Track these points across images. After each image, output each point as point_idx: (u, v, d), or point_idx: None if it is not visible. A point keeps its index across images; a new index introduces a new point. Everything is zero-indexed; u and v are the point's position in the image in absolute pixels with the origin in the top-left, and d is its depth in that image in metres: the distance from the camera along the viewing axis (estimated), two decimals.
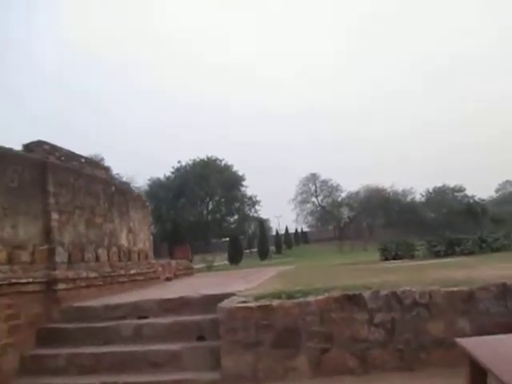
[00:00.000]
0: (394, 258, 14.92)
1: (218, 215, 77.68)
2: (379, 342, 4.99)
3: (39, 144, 7.60)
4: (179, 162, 75.18)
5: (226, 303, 5.48)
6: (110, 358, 5.82)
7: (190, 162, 76.03)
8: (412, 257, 15.11)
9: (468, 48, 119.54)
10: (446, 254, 14.05)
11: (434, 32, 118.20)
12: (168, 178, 73.22)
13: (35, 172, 7.02)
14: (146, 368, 5.63)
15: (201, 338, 5.83)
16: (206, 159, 76.37)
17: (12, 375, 5.87)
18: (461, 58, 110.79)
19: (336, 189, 77.60)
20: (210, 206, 76.96)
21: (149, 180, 69.44)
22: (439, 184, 73.67)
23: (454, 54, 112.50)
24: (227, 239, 57.32)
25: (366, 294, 5.15)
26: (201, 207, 74.83)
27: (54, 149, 7.83)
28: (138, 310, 6.50)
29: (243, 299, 5.68)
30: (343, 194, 77.45)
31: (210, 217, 76.20)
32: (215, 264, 28.37)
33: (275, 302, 5.26)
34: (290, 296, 5.52)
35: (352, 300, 5.15)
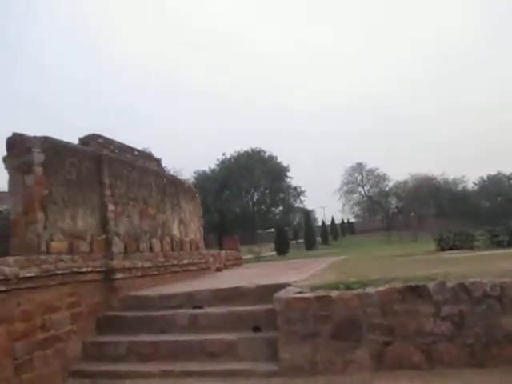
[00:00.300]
0: (451, 249, 14.26)
1: (262, 206, 78.02)
2: (446, 335, 4.72)
3: (94, 137, 7.78)
4: (224, 154, 76.03)
5: (282, 294, 5.38)
6: (166, 347, 5.89)
7: (235, 154, 76.72)
8: (471, 247, 14.37)
9: None
10: (510, 245, 13.26)
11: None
12: (213, 171, 74.23)
13: (91, 164, 7.19)
14: (202, 357, 5.65)
15: (256, 329, 5.76)
16: (249, 151, 76.73)
17: (76, 360, 6.07)
18: None
19: (383, 178, 75.57)
20: (255, 198, 77.42)
21: (194, 173, 70.70)
22: (493, 172, 70.26)
23: None
24: (272, 230, 57.39)
25: (431, 286, 4.87)
26: (246, 198, 75.42)
27: (108, 142, 7.99)
28: (193, 300, 6.53)
29: (299, 290, 5.56)
30: (391, 184, 75.30)
31: (255, 208, 76.70)
32: (262, 255, 28.43)
33: (334, 293, 5.10)
34: (347, 287, 5.34)
35: (415, 291, 4.89)
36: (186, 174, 65.78)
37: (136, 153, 8.79)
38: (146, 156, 9.13)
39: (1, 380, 4.94)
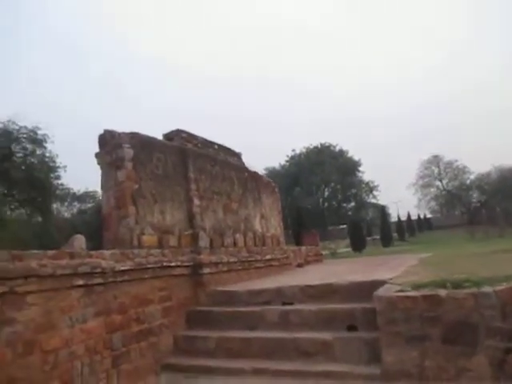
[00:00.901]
0: None
1: (334, 202, 76.47)
2: None
3: (178, 132, 7.82)
4: (293, 150, 75.49)
5: (383, 292, 4.97)
6: (257, 344, 5.71)
7: (304, 150, 75.91)
8: None
9: None
10: None
11: None
12: (283, 167, 73.98)
13: (177, 159, 7.22)
14: (295, 356, 5.40)
15: (352, 328, 5.41)
16: (319, 146, 75.56)
17: (167, 354, 6.10)
18: None
19: (463, 171, 70.75)
20: (326, 193, 76.12)
21: (265, 169, 70.97)
22: None
23: None
24: (344, 226, 55.87)
25: None
26: (316, 194, 74.42)
27: (191, 136, 8.01)
28: (282, 296, 6.31)
29: (399, 288, 5.11)
30: (472, 176, 70.28)
31: (325, 204, 75.43)
32: (338, 251, 27.76)
33: (443, 292, 4.60)
34: (456, 285, 4.80)
35: None
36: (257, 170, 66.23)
37: (216, 147, 8.76)
38: (227, 150, 9.07)
39: (101, 371, 5.05)
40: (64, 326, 4.68)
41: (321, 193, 75.95)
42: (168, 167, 6.96)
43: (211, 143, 8.65)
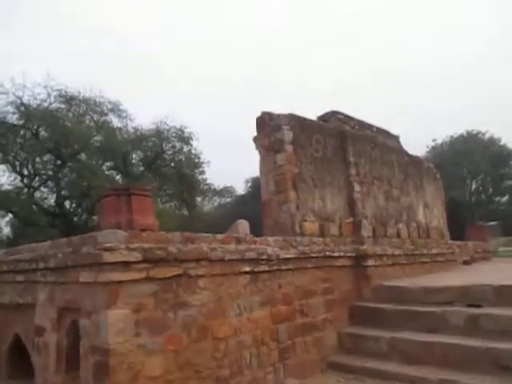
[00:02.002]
0: None
1: (482, 196, 68.71)
2: None
3: (333, 114, 7.28)
4: (434, 140, 69.72)
5: None
6: (440, 350, 4.88)
7: (448, 139, 69.47)
8: None
9: None
10: None
11: None
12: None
13: (335, 142, 6.68)
14: (492, 371, 4.45)
15: None
16: (465, 134, 68.37)
17: (332, 351, 5.62)
18: None
19: None
20: (474, 186, 68.70)
21: None
22: None
23: None
24: (495, 222, 49.75)
25: None
26: (462, 187, 67.47)
27: (347, 118, 7.40)
28: (467, 297, 5.34)
29: None
30: None
31: (472, 198, 68.13)
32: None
33: None
34: None
35: None
36: None
37: (374, 129, 8.00)
38: (385, 133, 8.25)
39: (268, 364, 4.75)
40: (233, 314, 4.48)
41: (467, 185, 68.87)
42: (327, 150, 6.46)
43: (368, 125, 7.92)
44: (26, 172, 29.34)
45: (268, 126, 6.02)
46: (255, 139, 6.18)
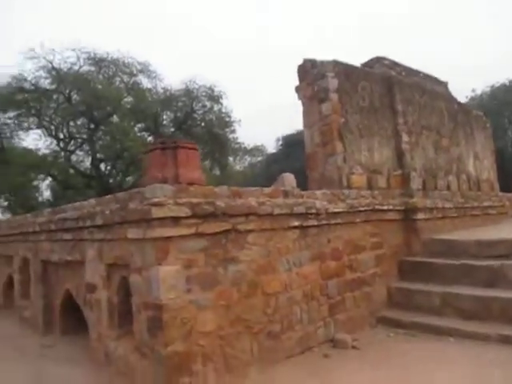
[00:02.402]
0: None
1: None
2: None
3: (378, 60, 6.81)
4: (473, 90, 66.34)
5: None
6: (498, 306, 4.65)
7: (488, 89, 65.93)
8: None
9: None
10: None
11: None
12: None
13: (382, 89, 6.27)
14: None
15: None
16: (507, 83, 64.62)
17: (381, 306, 5.48)
18: None
19: None
20: None
21: None
22: None
23: None
24: None
25: None
26: (504, 138, 64.48)
27: (393, 64, 6.91)
28: None
29: None
30: None
31: None
32: None
33: None
34: None
35: None
36: None
37: (422, 75, 7.47)
38: (433, 79, 7.70)
39: (318, 319, 4.66)
40: (282, 270, 4.36)
41: (509, 136, 65.73)
42: (374, 98, 6.07)
43: (416, 71, 7.39)
44: (61, 136, 29.86)
45: (311, 74, 5.67)
46: (297, 89, 5.85)
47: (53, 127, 29.23)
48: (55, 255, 5.42)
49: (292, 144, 32.52)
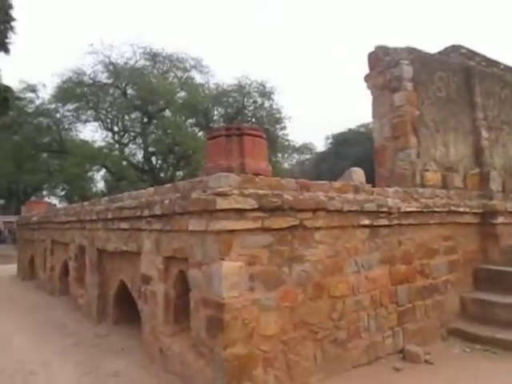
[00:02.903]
0: None
1: None
2: None
3: (454, 48, 6.25)
4: None
5: None
6: None
7: None
8: None
9: None
10: None
11: None
12: None
13: (459, 80, 5.72)
14: None
15: None
16: None
17: (453, 317, 4.98)
18: None
19: None
20: None
21: None
22: None
23: None
24: None
25: None
26: None
27: (471, 53, 6.32)
28: None
29: None
30: None
31: None
32: None
33: None
34: None
35: None
36: None
37: (502, 67, 6.81)
38: None
39: (387, 328, 4.26)
40: (350, 272, 4.00)
41: None
42: (450, 90, 5.55)
43: (495, 61, 6.75)
44: (116, 129, 30.77)
45: (382, 62, 5.25)
46: (367, 78, 5.43)
47: (108, 120, 30.17)
48: (111, 244, 5.33)
49: (342, 142, 31.77)
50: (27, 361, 4.40)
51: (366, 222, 4.10)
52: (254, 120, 31.98)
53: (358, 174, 4.53)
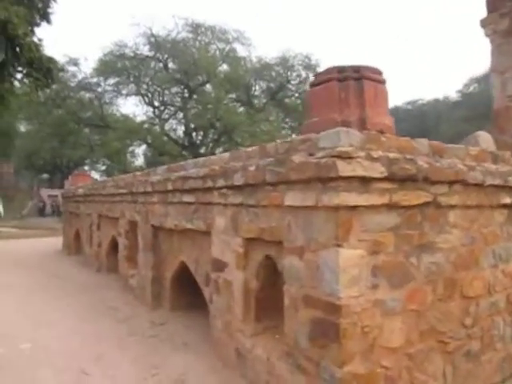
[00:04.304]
0: None
1: None
2: None
3: None
4: None
5: None
6: None
7: None
8: None
9: None
10: None
11: None
12: None
13: None
14: None
15: None
16: None
17: None
18: None
19: None
20: None
21: None
22: None
23: None
24: None
25: None
26: None
27: None
28: None
29: None
30: None
31: None
32: None
33: None
34: None
35: None
36: None
37: None
38: None
39: None
40: (486, 265, 3.08)
41: None
42: None
43: None
44: (156, 103, 30.31)
45: (507, 2, 4.14)
46: (484, 22, 4.36)
47: (149, 95, 29.71)
48: (170, 220, 4.59)
49: (397, 117, 30.16)
50: (79, 355, 3.75)
51: (508, 200, 3.14)
52: (297, 95, 30.74)
53: (485, 140, 3.54)
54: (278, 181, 2.71)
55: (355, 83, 2.58)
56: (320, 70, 28.95)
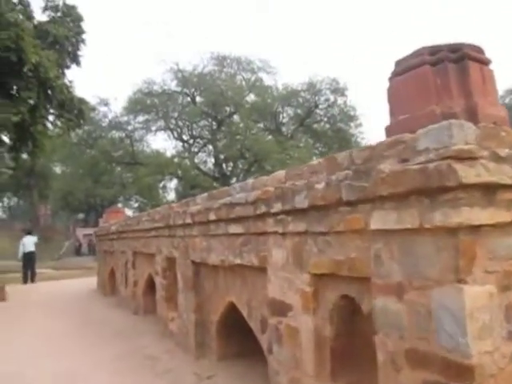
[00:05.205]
0: None
1: None
2: None
3: None
4: None
5: None
6: None
7: None
8: None
9: None
10: None
11: None
12: None
13: None
14: None
15: None
16: None
17: None
18: None
19: None
20: None
21: None
22: None
23: None
24: None
25: None
26: None
27: None
28: None
29: None
30: None
31: None
32: None
33: None
34: None
35: None
36: None
37: None
38: None
39: None
40: None
41: None
42: None
43: None
44: (185, 137, 30.44)
45: None
46: None
47: (178, 129, 29.91)
48: (213, 256, 4.00)
49: None
50: None
51: None
52: (325, 119, 30.29)
53: None
54: (359, 198, 2.09)
55: (455, 66, 1.98)
56: (347, 93, 28.25)
